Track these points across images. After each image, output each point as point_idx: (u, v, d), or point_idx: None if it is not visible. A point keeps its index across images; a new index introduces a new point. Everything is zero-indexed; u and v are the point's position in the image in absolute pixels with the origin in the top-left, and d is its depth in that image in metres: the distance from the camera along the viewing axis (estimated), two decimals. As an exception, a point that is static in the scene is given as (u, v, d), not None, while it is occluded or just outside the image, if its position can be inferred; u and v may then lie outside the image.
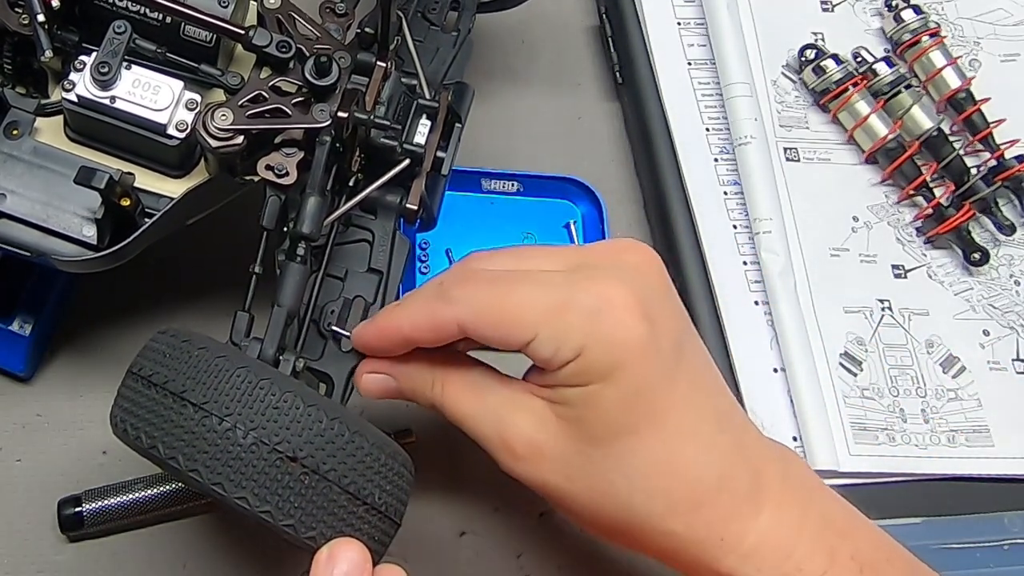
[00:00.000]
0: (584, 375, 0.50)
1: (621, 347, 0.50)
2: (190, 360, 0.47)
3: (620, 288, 0.51)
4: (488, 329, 0.51)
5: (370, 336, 0.55)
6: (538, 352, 0.50)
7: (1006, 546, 0.70)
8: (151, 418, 0.46)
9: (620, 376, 0.50)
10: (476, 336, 0.51)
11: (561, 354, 0.50)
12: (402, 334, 0.53)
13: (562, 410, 0.51)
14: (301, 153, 0.56)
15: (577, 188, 0.77)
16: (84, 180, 0.53)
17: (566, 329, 0.50)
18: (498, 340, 0.51)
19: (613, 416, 0.50)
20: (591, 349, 0.50)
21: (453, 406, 0.54)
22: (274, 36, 0.57)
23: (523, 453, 0.52)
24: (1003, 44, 0.86)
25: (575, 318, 0.50)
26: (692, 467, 0.51)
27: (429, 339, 0.53)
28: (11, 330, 0.64)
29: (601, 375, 0.50)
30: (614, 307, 0.50)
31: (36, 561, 0.62)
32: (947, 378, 0.73)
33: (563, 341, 0.50)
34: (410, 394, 0.55)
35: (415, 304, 0.53)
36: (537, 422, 0.52)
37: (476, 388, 0.54)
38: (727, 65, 0.80)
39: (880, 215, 0.78)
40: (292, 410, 0.45)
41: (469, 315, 0.51)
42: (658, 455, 0.51)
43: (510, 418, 0.52)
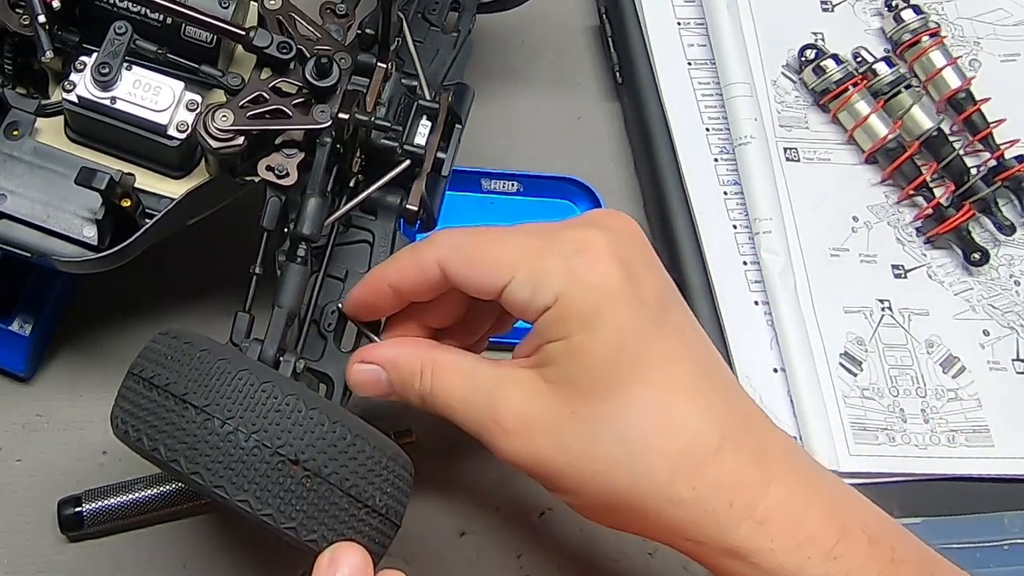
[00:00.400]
0: (564, 323, 0.49)
1: (600, 291, 0.49)
2: (192, 362, 0.47)
3: (599, 236, 0.50)
4: (465, 268, 0.51)
5: (358, 292, 0.55)
6: (515, 295, 0.50)
7: (1006, 546, 0.70)
8: (153, 420, 0.46)
9: (601, 324, 0.49)
10: (454, 277, 0.51)
11: (538, 297, 0.49)
12: (386, 281, 0.54)
13: (549, 372, 0.50)
14: (301, 154, 0.56)
15: (577, 188, 0.77)
16: (84, 181, 0.53)
17: (544, 271, 0.49)
18: (476, 282, 0.51)
19: (599, 368, 0.49)
20: (569, 293, 0.49)
21: (443, 393, 0.53)
22: (275, 37, 0.57)
23: (515, 428, 0.50)
24: (1003, 44, 0.86)
25: (552, 261, 0.49)
26: (689, 423, 0.49)
27: (411, 284, 0.53)
28: (11, 330, 0.64)
29: (582, 323, 0.49)
30: (591, 250, 0.49)
31: (36, 561, 0.62)
32: (947, 378, 0.73)
33: (540, 283, 0.49)
34: (399, 386, 0.54)
35: (400, 253, 0.54)
36: (527, 393, 0.51)
37: (465, 372, 0.53)
38: (727, 65, 0.80)
39: (880, 215, 0.78)
40: (294, 413, 0.45)
41: (449, 253, 0.51)
42: (652, 411, 0.49)
43: (500, 395, 0.51)
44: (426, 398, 0.53)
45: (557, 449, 0.50)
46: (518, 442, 0.51)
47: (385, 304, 0.55)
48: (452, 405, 0.52)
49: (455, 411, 0.52)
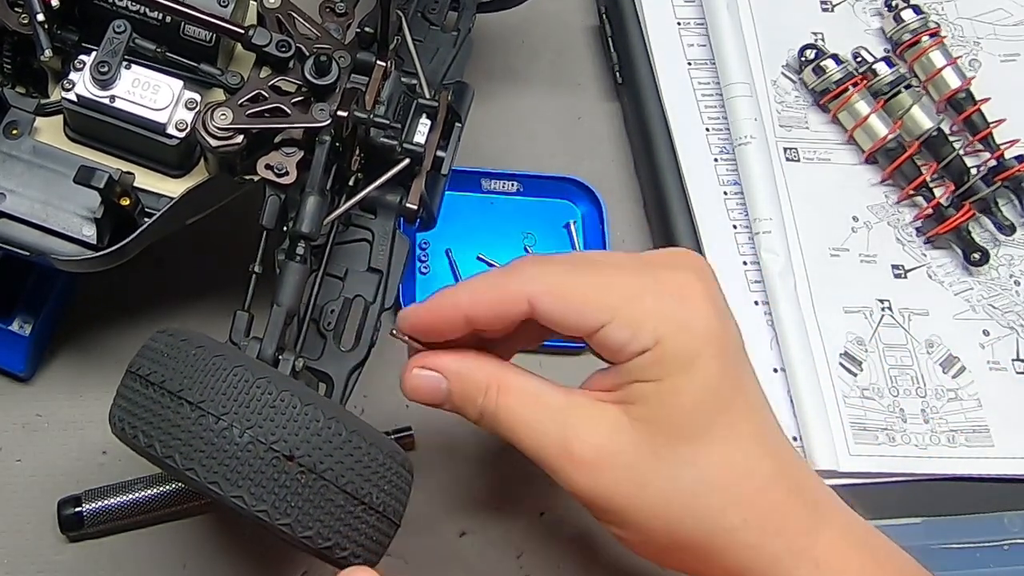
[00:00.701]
0: (661, 366, 0.49)
1: (701, 337, 0.49)
2: (187, 359, 0.47)
3: (696, 281, 0.50)
4: (560, 306, 0.49)
5: (422, 313, 0.53)
6: (611, 337, 0.49)
7: (1006, 546, 0.70)
8: (148, 417, 0.46)
9: (697, 369, 0.49)
10: (544, 315, 0.50)
11: (637, 341, 0.48)
12: (460, 310, 0.51)
13: (636, 410, 0.49)
14: (301, 152, 0.56)
15: (577, 188, 0.77)
16: (84, 179, 0.53)
17: (644, 314, 0.49)
18: (569, 321, 0.49)
19: (690, 412, 0.49)
20: (670, 337, 0.48)
21: (509, 413, 0.51)
22: (274, 35, 0.57)
23: (589, 460, 0.49)
24: (1003, 44, 0.86)
25: (654, 303, 0.49)
26: (764, 470, 0.50)
27: (490, 316, 0.51)
28: (11, 330, 0.64)
29: (679, 367, 0.48)
30: (694, 296, 0.49)
31: (36, 561, 0.62)
32: (947, 378, 0.73)
33: (640, 326, 0.48)
34: (459, 398, 0.52)
35: (476, 281, 0.52)
36: (608, 428, 0.50)
37: (534, 395, 0.51)
38: (727, 65, 0.80)
39: (880, 215, 0.78)
40: (289, 409, 0.45)
41: (541, 290, 0.50)
42: (730, 457, 0.50)
43: (576, 425, 0.50)
44: (488, 416, 0.52)
45: (633, 486, 0.50)
46: (589, 475, 0.50)
47: (451, 332, 0.53)
48: (517, 428, 0.51)
49: (519, 434, 0.51)
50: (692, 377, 0.49)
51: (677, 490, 0.49)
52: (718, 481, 0.50)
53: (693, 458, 0.49)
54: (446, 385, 0.52)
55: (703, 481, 0.49)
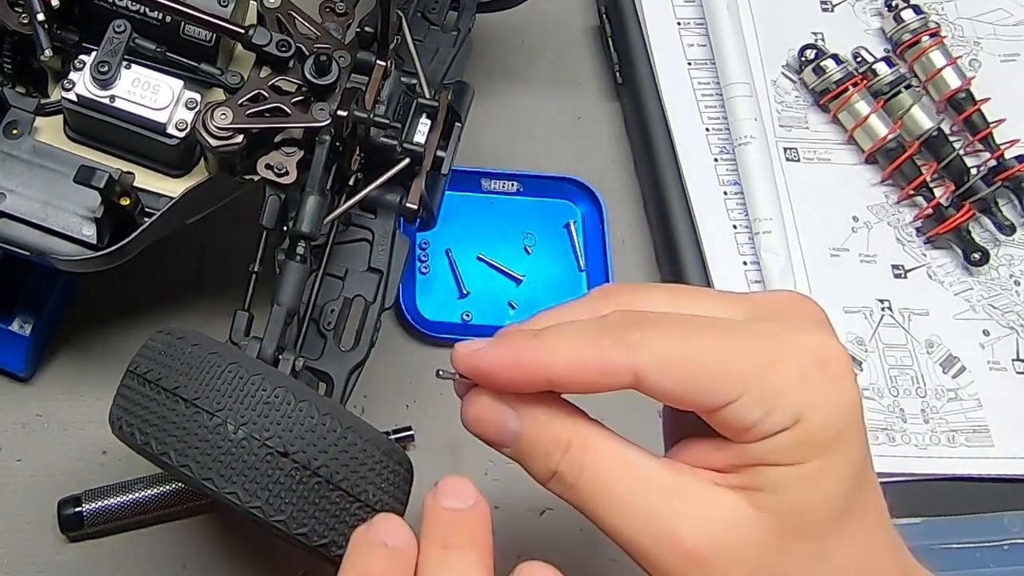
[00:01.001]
0: (802, 448, 0.41)
1: (846, 412, 0.41)
2: (183, 357, 0.47)
3: (835, 343, 0.42)
4: (676, 383, 0.41)
5: (493, 361, 0.43)
6: (740, 416, 0.41)
7: (1006, 546, 0.70)
8: (145, 415, 0.46)
9: (843, 449, 0.41)
10: (655, 390, 0.41)
11: (773, 419, 0.40)
12: (549, 373, 0.42)
13: (764, 498, 0.41)
14: (301, 152, 0.56)
15: (577, 188, 0.77)
16: (84, 179, 0.53)
17: (782, 387, 0.41)
18: (686, 399, 0.41)
19: (831, 501, 0.41)
20: (814, 414, 0.40)
21: (598, 485, 0.42)
22: (274, 35, 0.57)
23: (704, 557, 0.41)
24: (1003, 44, 0.86)
25: (791, 376, 0.41)
26: (888, 566, 0.44)
27: (584, 385, 0.42)
28: (11, 330, 0.64)
29: (824, 447, 0.41)
30: (834, 363, 0.41)
31: (36, 561, 0.62)
32: (947, 378, 0.73)
33: (777, 402, 0.40)
34: (530, 448, 0.43)
35: (572, 340, 0.42)
36: (725, 517, 0.41)
37: (632, 466, 0.42)
38: (727, 65, 0.80)
39: (880, 215, 0.78)
40: (283, 405, 0.45)
41: (655, 363, 0.41)
42: (865, 551, 0.43)
43: (686, 511, 0.42)
44: (566, 481, 0.43)
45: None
46: (700, 573, 0.41)
47: (525, 387, 0.43)
48: (607, 504, 0.42)
49: (609, 511, 0.42)
50: (838, 460, 0.41)
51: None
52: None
53: (825, 555, 0.42)
54: (518, 426, 0.43)
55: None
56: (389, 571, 0.41)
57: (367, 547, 0.42)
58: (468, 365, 0.44)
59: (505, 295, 0.74)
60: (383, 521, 0.43)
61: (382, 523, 0.43)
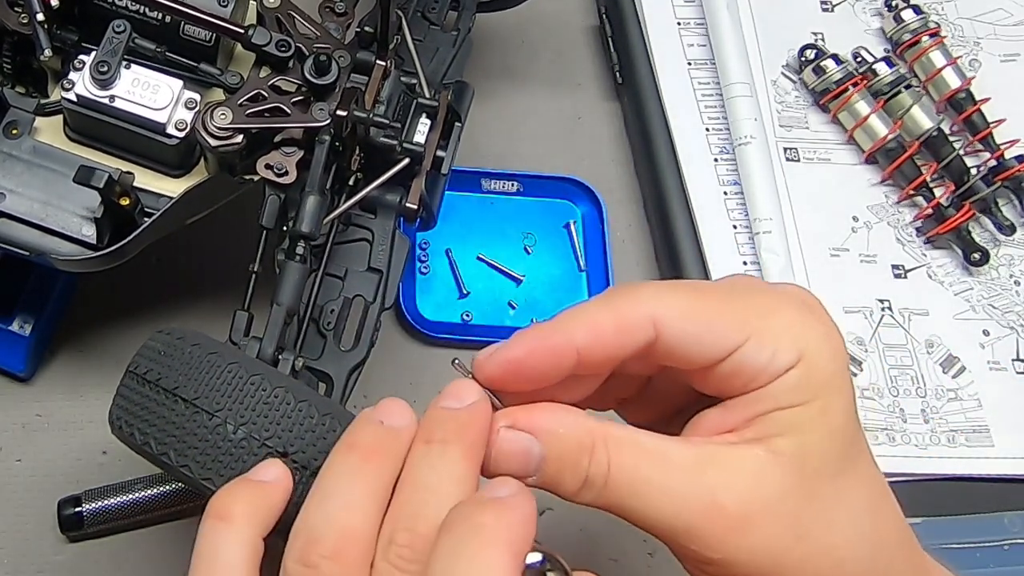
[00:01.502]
0: (809, 385, 0.42)
1: (840, 350, 0.43)
2: (183, 357, 0.47)
3: (814, 296, 0.45)
4: (692, 328, 0.42)
5: (523, 350, 0.43)
6: (752, 358, 0.42)
7: (1006, 546, 0.69)
8: (145, 415, 0.46)
9: (842, 386, 0.43)
10: (672, 339, 0.42)
11: (780, 357, 0.42)
12: (573, 344, 0.42)
13: (783, 442, 0.42)
14: (300, 152, 0.56)
15: (577, 188, 0.77)
16: (83, 179, 0.53)
17: (784, 327, 0.42)
18: (702, 344, 0.42)
19: (843, 435, 0.43)
20: (814, 350, 0.42)
21: (629, 474, 0.42)
22: (273, 35, 0.57)
23: (746, 515, 0.41)
24: (1003, 44, 0.86)
25: (789, 316, 0.43)
26: (895, 513, 0.46)
27: (609, 350, 0.43)
28: (11, 330, 0.64)
29: (826, 384, 0.42)
30: (819, 308, 0.44)
31: (36, 561, 0.62)
32: (947, 378, 0.73)
33: (781, 342, 0.42)
34: (556, 465, 0.42)
35: (588, 311, 0.43)
36: (753, 472, 0.42)
37: (657, 450, 0.43)
38: (727, 65, 0.80)
39: (880, 215, 0.78)
40: (283, 406, 0.45)
41: (667, 312, 0.42)
42: (877, 489, 0.45)
43: (718, 476, 0.42)
44: (597, 482, 0.42)
45: (792, 539, 0.42)
46: (746, 533, 0.42)
47: (554, 375, 0.43)
48: (643, 491, 0.42)
49: (647, 498, 0.42)
50: (840, 396, 0.43)
51: (838, 536, 0.43)
52: (876, 520, 0.44)
53: (845, 495, 0.43)
54: (539, 449, 0.42)
55: (859, 521, 0.43)
56: (376, 445, 0.42)
57: (363, 422, 0.43)
58: (496, 363, 0.43)
59: (505, 295, 0.74)
60: (386, 402, 0.43)
61: (385, 404, 0.43)
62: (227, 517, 0.42)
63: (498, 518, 0.38)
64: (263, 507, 0.43)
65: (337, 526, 0.40)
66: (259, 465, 0.44)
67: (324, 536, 0.40)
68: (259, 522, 0.42)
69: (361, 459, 0.41)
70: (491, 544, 0.37)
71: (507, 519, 0.38)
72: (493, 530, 0.37)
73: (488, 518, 0.38)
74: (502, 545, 0.37)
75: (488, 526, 0.37)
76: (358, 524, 0.40)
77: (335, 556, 0.39)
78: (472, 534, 0.37)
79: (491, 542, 0.37)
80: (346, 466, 0.42)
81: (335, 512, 0.40)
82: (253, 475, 0.44)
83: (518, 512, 0.38)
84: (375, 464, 0.41)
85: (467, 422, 0.42)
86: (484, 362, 0.43)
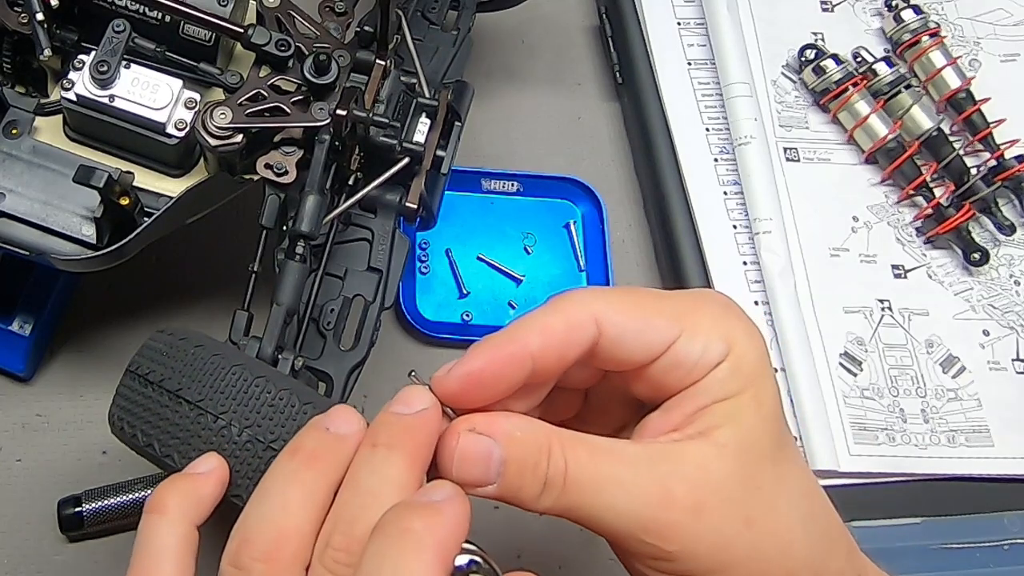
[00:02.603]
0: (740, 376, 0.44)
1: (762, 343, 0.45)
2: (186, 358, 0.47)
3: (729, 296, 0.47)
4: (632, 323, 0.44)
5: (482, 361, 0.43)
6: (685, 351, 0.44)
7: (1006, 546, 0.69)
8: (147, 416, 0.46)
9: (769, 375, 0.45)
10: (613, 336, 0.44)
11: (711, 350, 0.44)
12: (528, 350, 0.43)
13: (723, 433, 0.44)
14: (300, 152, 0.56)
15: (577, 188, 0.77)
16: (83, 179, 0.53)
17: (710, 322, 0.44)
18: (641, 340, 0.44)
19: (774, 422, 0.45)
20: (740, 343, 0.44)
21: (586, 471, 0.43)
22: (273, 35, 0.57)
23: (696, 503, 0.43)
24: (1003, 44, 0.86)
25: (713, 312, 0.45)
26: (827, 501, 0.47)
27: (560, 352, 0.44)
28: (11, 330, 0.64)
29: (755, 374, 0.44)
30: (736, 306, 0.46)
31: (36, 561, 0.62)
32: (947, 378, 0.73)
33: (710, 336, 0.44)
34: (516, 469, 0.42)
35: (536, 316, 0.44)
36: (699, 463, 0.43)
37: (609, 448, 0.44)
38: (727, 65, 0.80)
39: (880, 215, 0.78)
40: (288, 408, 0.45)
41: (606, 308, 0.44)
42: (805, 473, 0.46)
43: (669, 469, 0.43)
44: (556, 482, 0.43)
45: (741, 523, 0.44)
46: (702, 521, 0.43)
47: (511, 384, 0.44)
48: (601, 488, 0.43)
49: (606, 496, 0.43)
50: (767, 385, 0.45)
51: (781, 521, 0.44)
52: (812, 504, 0.46)
53: (781, 479, 0.45)
54: (500, 453, 0.42)
55: (798, 506, 0.45)
56: (318, 449, 0.42)
57: (309, 428, 0.44)
58: (454, 378, 0.43)
59: (505, 295, 0.74)
60: (335, 409, 0.44)
61: (334, 410, 0.44)
62: (160, 509, 0.43)
63: (426, 522, 0.38)
64: (195, 498, 0.44)
65: (272, 528, 0.41)
66: (198, 459, 0.45)
67: (258, 538, 0.41)
68: (190, 512, 0.43)
69: (301, 463, 0.42)
70: (417, 548, 0.38)
71: (436, 523, 0.39)
72: (420, 534, 0.38)
73: (416, 522, 0.38)
74: (428, 549, 0.38)
75: (415, 530, 0.38)
76: (293, 526, 0.41)
77: (266, 558, 0.40)
78: (399, 538, 0.38)
79: (417, 546, 0.38)
80: (286, 469, 0.42)
81: (270, 514, 0.41)
82: (190, 468, 0.45)
83: (447, 516, 0.39)
84: (316, 468, 0.42)
85: (414, 428, 0.42)
86: (443, 378, 0.44)
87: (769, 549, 0.44)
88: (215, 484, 0.44)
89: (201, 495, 0.44)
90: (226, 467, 0.45)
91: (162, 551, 0.43)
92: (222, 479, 0.45)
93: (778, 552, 0.44)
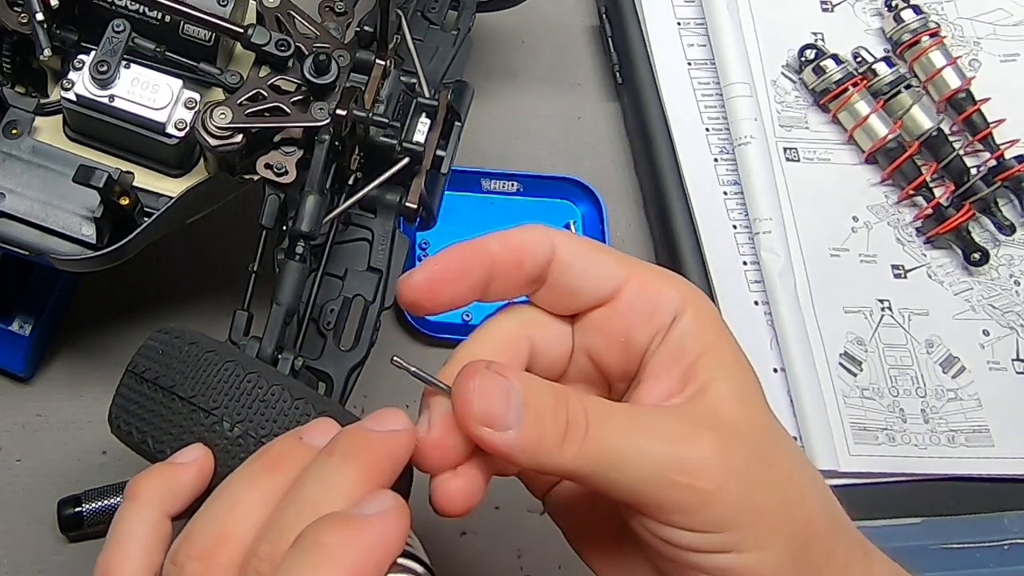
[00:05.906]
0: (707, 326, 0.44)
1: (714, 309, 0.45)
2: (180, 356, 0.47)
3: None
4: (582, 254, 0.45)
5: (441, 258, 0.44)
6: (638, 295, 0.44)
7: (1006, 546, 0.70)
8: (143, 413, 0.46)
9: (729, 334, 0.44)
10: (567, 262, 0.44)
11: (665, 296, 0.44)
12: (487, 249, 0.44)
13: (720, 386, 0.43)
14: (300, 151, 0.56)
15: (577, 188, 0.77)
16: (83, 179, 0.53)
17: (655, 274, 0.45)
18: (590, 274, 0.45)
19: (754, 370, 0.44)
20: (691, 295, 0.44)
21: (611, 418, 0.41)
22: (273, 35, 0.57)
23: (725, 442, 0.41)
24: (1003, 44, 0.86)
25: (658, 270, 0.46)
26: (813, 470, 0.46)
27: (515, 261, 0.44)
28: (11, 330, 0.64)
29: (717, 321, 0.44)
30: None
31: (36, 561, 0.62)
32: (947, 378, 0.73)
33: (661, 284, 0.44)
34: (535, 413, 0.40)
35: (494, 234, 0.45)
36: (711, 412, 0.42)
37: (619, 404, 0.43)
38: (727, 65, 0.80)
39: (880, 215, 0.78)
40: (279, 403, 0.45)
41: (563, 238, 0.44)
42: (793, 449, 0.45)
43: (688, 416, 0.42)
44: (580, 425, 0.41)
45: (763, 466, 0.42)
46: (733, 459, 0.41)
47: (475, 280, 0.44)
48: (629, 431, 0.41)
49: (633, 439, 0.41)
50: (733, 338, 0.45)
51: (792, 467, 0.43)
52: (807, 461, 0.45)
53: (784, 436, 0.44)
54: (520, 393, 0.41)
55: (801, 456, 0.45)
56: (284, 455, 0.41)
57: (282, 437, 0.43)
58: (420, 273, 0.44)
59: (505, 295, 0.74)
60: (316, 422, 0.44)
61: (313, 423, 0.44)
62: (134, 497, 0.43)
63: (343, 536, 0.36)
64: (170, 488, 0.44)
65: (214, 529, 0.40)
66: (182, 450, 0.45)
67: (198, 537, 0.40)
68: (163, 501, 0.43)
69: (262, 467, 0.41)
70: (329, 564, 0.36)
71: (354, 538, 0.37)
72: (333, 550, 0.36)
73: (331, 537, 0.36)
74: (340, 565, 0.36)
75: (328, 545, 0.36)
76: (238, 528, 0.40)
77: (202, 557, 0.39)
78: (310, 552, 0.36)
79: (329, 562, 0.36)
80: (246, 473, 0.42)
81: (216, 514, 0.40)
82: (172, 458, 0.45)
83: (371, 532, 0.37)
84: (276, 474, 0.41)
85: (374, 442, 0.41)
86: (408, 276, 0.44)
87: (790, 491, 0.42)
88: (195, 474, 0.44)
89: (178, 484, 0.44)
90: (211, 458, 0.45)
91: (129, 536, 0.43)
92: (203, 469, 0.44)
93: (798, 495, 0.42)
